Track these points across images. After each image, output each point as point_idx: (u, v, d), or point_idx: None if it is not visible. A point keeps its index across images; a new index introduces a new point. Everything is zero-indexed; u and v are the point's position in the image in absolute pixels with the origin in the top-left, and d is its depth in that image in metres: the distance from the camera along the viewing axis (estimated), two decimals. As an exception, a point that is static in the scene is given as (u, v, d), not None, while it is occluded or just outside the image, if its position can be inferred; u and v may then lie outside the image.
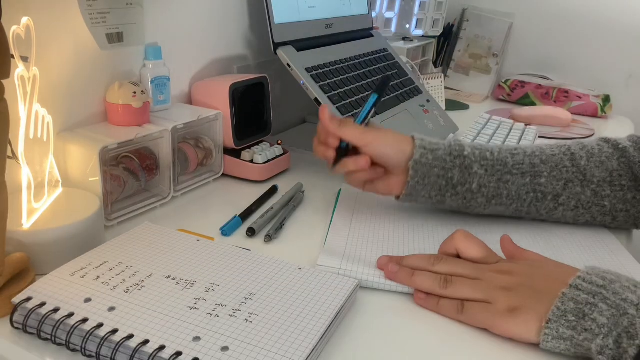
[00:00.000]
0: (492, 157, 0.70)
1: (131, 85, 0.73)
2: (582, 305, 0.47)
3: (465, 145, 0.70)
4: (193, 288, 0.52)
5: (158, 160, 0.75)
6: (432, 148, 0.69)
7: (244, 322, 0.48)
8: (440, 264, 0.57)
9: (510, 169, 0.69)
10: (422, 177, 0.69)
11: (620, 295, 0.47)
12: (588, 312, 0.47)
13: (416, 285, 0.57)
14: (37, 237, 0.57)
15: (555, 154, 0.71)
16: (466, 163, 0.69)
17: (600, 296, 0.47)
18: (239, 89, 0.86)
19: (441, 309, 0.55)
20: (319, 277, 0.56)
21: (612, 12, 1.44)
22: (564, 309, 0.48)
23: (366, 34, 1.14)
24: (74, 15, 0.69)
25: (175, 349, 0.44)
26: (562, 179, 0.69)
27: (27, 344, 0.48)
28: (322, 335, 0.47)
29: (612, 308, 0.46)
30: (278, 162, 0.89)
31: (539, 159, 0.70)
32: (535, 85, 1.45)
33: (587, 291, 0.48)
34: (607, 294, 0.47)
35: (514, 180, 0.69)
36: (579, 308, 0.47)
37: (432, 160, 0.68)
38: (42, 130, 0.59)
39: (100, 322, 0.47)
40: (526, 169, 0.69)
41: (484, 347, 0.51)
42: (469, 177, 0.69)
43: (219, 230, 0.70)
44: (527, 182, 0.69)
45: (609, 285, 0.48)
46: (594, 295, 0.48)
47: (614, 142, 0.72)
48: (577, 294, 0.48)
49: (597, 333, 0.46)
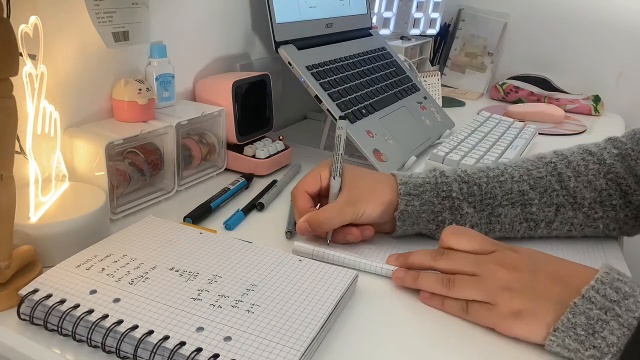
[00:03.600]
0: (479, 192, 0.66)
1: (137, 82, 0.74)
2: (593, 322, 0.46)
3: (452, 182, 0.66)
4: (196, 280, 0.53)
5: (162, 156, 0.76)
6: (417, 192, 0.65)
7: (246, 312, 0.49)
8: (442, 260, 0.57)
9: (500, 200, 0.66)
10: (411, 224, 0.66)
11: (633, 313, 0.45)
12: (599, 329, 0.46)
13: (421, 287, 0.57)
14: (44, 230, 0.57)
15: (543, 176, 0.67)
16: (455, 204, 0.66)
17: (612, 312, 0.46)
18: (242, 86, 0.87)
19: (446, 308, 0.55)
20: (319, 269, 0.57)
21: (603, 12, 1.45)
22: (574, 321, 0.47)
23: (365, 33, 1.15)
24: (81, 14, 0.70)
25: (179, 339, 0.45)
26: (553, 204, 0.67)
27: (33, 335, 0.48)
28: (322, 325, 0.48)
29: (624, 327, 0.45)
30: (280, 157, 0.90)
31: (527, 184, 0.67)
32: (528, 92, 1.47)
33: (600, 305, 0.46)
34: (619, 311, 0.46)
35: (505, 212, 0.66)
36: (590, 324, 0.46)
37: (419, 206, 0.65)
38: (49, 126, 0.59)
39: (106, 313, 0.47)
40: (516, 198, 0.66)
41: (485, 338, 0.52)
42: (460, 218, 0.66)
43: (222, 224, 0.71)
44: (519, 212, 0.67)
45: (623, 300, 0.46)
46: (606, 311, 0.46)
47: (598, 157, 0.69)
48: (590, 307, 0.47)
49: (606, 352, 0.45)
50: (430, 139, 1.04)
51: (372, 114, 0.95)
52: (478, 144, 0.99)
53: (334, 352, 0.49)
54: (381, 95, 1.02)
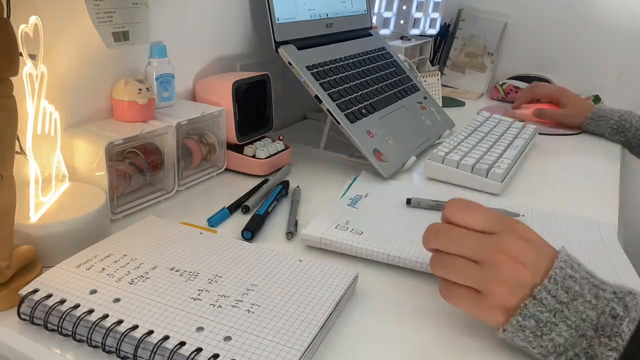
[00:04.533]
0: None
1: (137, 82, 0.74)
2: (542, 324, 0.46)
3: None
4: (196, 280, 0.53)
5: (163, 156, 0.76)
6: None
7: (246, 312, 0.49)
8: (443, 238, 0.51)
9: None
10: None
11: (581, 315, 0.45)
12: (547, 331, 0.46)
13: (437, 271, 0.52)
14: (44, 230, 0.58)
15: None
16: None
17: (561, 315, 0.46)
18: (242, 86, 0.87)
19: (434, 269, 0.52)
20: (319, 269, 0.57)
21: (603, 12, 1.46)
22: (523, 324, 0.47)
23: (365, 33, 1.15)
24: (81, 14, 0.70)
25: (179, 339, 0.45)
26: None
27: (33, 335, 0.49)
28: (322, 325, 0.48)
29: (571, 329, 0.45)
30: (279, 157, 0.90)
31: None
32: None
33: (549, 307, 0.46)
34: (568, 313, 0.46)
35: None
36: (538, 326, 0.46)
37: None
38: (49, 126, 0.60)
39: (106, 313, 0.47)
40: None
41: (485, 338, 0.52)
42: None
43: (205, 221, 0.71)
44: None
45: (571, 302, 0.46)
46: (555, 314, 0.46)
47: None
48: (540, 310, 0.46)
49: (552, 351, 0.46)
50: (430, 139, 1.04)
51: (372, 114, 0.95)
52: (478, 144, 0.99)
53: (334, 352, 0.49)
54: (381, 95, 1.02)
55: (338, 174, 0.90)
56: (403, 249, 0.63)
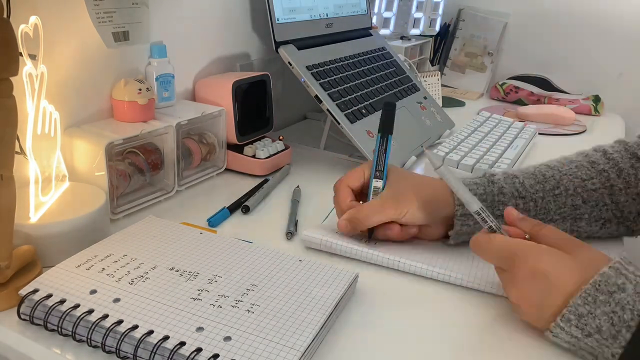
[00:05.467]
0: (535, 208, 0.65)
1: (137, 82, 0.74)
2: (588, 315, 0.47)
3: (508, 199, 0.65)
4: (196, 280, 0.53)
5: (162, 156, 0.76)
6: None
7: (246, 312, 0.49)
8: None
9: (553, 215, 0.66)
10: (463, 240, 0.65)
11: (625, 306, 0.46)
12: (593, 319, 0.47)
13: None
14: (44, 230, 0.58)
15: (596, 188, 0.66)
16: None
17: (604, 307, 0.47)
18: (242, 86, 0.87)
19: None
20: (319, 269, 0.57)
21: (603, 12, 1.45)
22: (569, 317, 0.48)
23: (365, 33, 1.15)
24: (81, 14, 0.70)
25: (179, 339, 0.45)
26: (601, 218, 0.66)
27: (33, 335, 0.49)
28: (322, 325, 0.48)
29: (612, 316, 0.46)
30: (279, 157, 0.90)
31: (580, 197, 0.66)
32: (528, 92, 1.47)
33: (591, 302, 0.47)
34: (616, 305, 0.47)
35: (555, 227, 0.62)
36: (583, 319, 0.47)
37: (472, 226, 0.64)
38: (49, 126, 0.60)
39: (106, 313, 0.47)
40: (567, 212, 0.66)
41: (485, 339, 0.52)
42: None
43: (206, 221, 0.71)
44: (567, 226, 0.66)
45: (617, 292, 0.47)
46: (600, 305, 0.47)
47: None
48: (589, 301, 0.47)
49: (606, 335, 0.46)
50: (430, 139, 1.04)
51: (372, 114, 0.95)
52: (478, 144, 0.99)
53: (334, 352, 0.49)
54: (381, 95, 1.02)
55: (338, 174, 0.89)
56: (403, 253, 0.63)
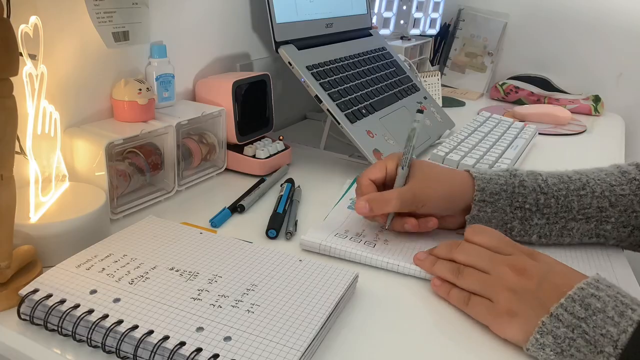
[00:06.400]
0: (556, 204, 0.65)
1: (137, 82, 0.74)
2: (560, 340, 0.46)
3: (529, 193, 0.65)
4: (196, 279, 0.53)
5: (163, 156, 0.76)
6: (492, 200, 0.65)
7: (246, 312, 0.49)
8: (459, 251, 0.57)
9: (575, 214, 0.64)
10: None
11: (601, 330, 0.45)
12: (566, 347, 0.46)
13: (435, 272, 0.59)
14: (44, 230, 0.58)
15: (626, 194, 0.65)
16: (527, 215, 0.65)
17: (579, 330, 0.46)
18: (242, 86, 0.87)
19: (451, 297, 0.56)
20: (319, 269, 0.57)
21: (602, 13, 1.46)
22: (542, 341, 0.47)
23: (365, 33, 1.15)
24: (81, 14, 0.70)
25: (179, 339, 0.45)
26: (629, 225, 0.65)
27: (33, 335, 0.49)
28: (322, 324, 0.48)
29: (590, 344, 0.45)
30: (279, 157, 0.90)
31: (607, 201, 0.64)
32: (528, 92, 1.47)
33: (566, 323, 0.47)
34: (587, 328, 0.46)
35: (578, 226, 0.64)
36: (557, 343, 0.46)
37: (490, 213, 0.65)
38: (49, 126, 0.59)
39: (106, 313, 0.47)
40: (592, 214, 0.64)
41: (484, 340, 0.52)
42: (529, 228, 0.66)
43: (208, 222, 0.71)
44: (592, 228, 0.65)
45: (591, 317, 0.46)
46: (573, 329, 0.46)
47: None
48: (557, 325, 0.47)
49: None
50: (430, 139, 1.04)
51: (372, 114, 0.95)
52: (478, 144, 0.99)
53: (334, 352, 0.49)
54: (381, 95, 1.02)
55: (338, 174, 0.90)
56: (402, 257, 0.63)
